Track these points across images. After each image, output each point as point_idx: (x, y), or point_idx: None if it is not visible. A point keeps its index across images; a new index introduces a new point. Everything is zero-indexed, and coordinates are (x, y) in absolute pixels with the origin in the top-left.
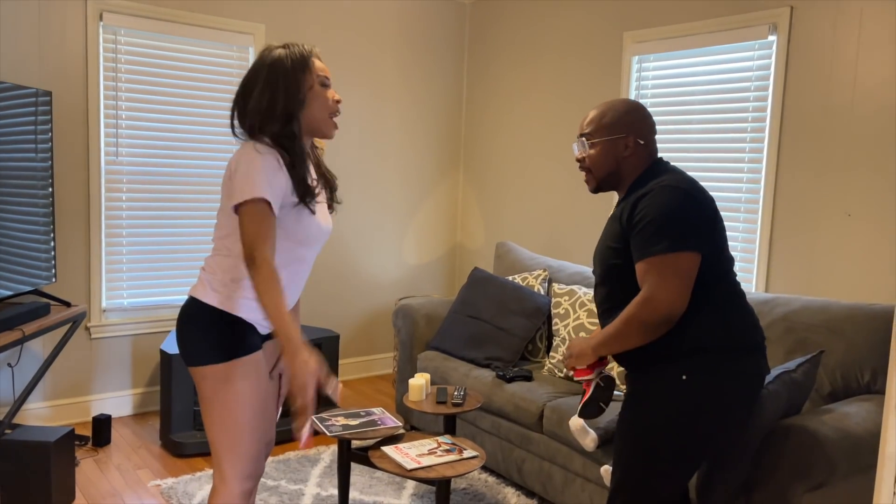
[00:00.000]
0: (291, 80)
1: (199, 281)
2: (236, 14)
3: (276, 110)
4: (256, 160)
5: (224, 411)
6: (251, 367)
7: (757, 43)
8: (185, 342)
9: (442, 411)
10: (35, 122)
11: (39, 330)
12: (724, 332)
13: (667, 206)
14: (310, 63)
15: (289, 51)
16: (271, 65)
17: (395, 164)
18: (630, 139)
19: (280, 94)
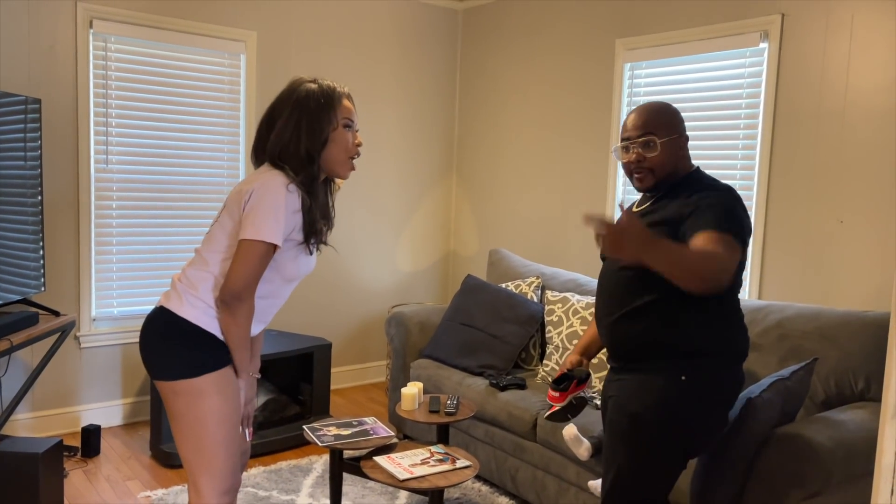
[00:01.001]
0: (315, 121)
1: (174, 292)
2: (228, 21)
3: (299, 149)
4: (281, 199)
5: (198, 427)
6: (224, 381)
7: (748, 50)
8: (155, 355)
9: (435, 421)
10: (24, 129)
11: (27, 340)
12: (726, 340)
13: (732, 204)
14: (337, 103)
15: (319, 87)
16: (298, 100)
17: (388, 170)
18: (682, 138)
19: (303, 133)
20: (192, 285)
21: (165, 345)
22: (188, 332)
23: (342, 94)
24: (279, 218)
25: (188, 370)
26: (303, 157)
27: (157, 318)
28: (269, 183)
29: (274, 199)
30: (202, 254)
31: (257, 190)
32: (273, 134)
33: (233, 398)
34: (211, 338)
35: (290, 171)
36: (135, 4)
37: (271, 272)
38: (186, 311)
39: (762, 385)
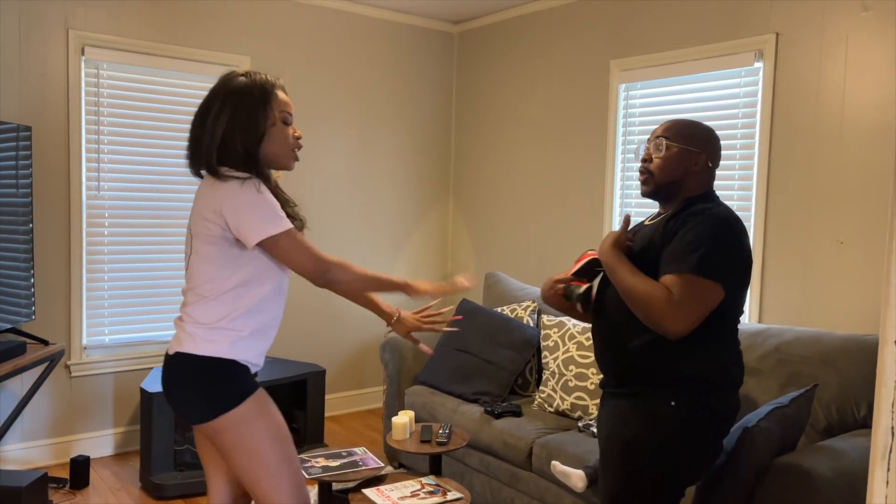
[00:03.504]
0: (250, 116)
1: (183, 335)
2: (221, 47)
3: (235, 146)
4: (253, 194)
5: (254, 456)
6: (261, 402)
7: (743, 70)
8: (186, 401)
9: (426, 451)
10: (16, 157)
11: (14, 370)
12: (721, 369)
13: (716, 233)
14: (272, 97)
15: (250, 81)
16: (229, 95)
17: (385, 193)
18: (703, 157)
19: (238, 129)
20: (197, 321)
21: (194, 387)
22: (211, 367)
23: (277, 85)
24: (271, 208)
25: (224, 404)
26: (241, 154)
27: (175, 365)
28: (225, 193)
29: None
30: (195, 290)
31: (212, 203)
32: (205, 132)
33: (275, 414)
34: (233, 365)
35: (234, 171)
36: (127, 31)
37: (266, 269)
38: (204, 348)
39: (760, 413)
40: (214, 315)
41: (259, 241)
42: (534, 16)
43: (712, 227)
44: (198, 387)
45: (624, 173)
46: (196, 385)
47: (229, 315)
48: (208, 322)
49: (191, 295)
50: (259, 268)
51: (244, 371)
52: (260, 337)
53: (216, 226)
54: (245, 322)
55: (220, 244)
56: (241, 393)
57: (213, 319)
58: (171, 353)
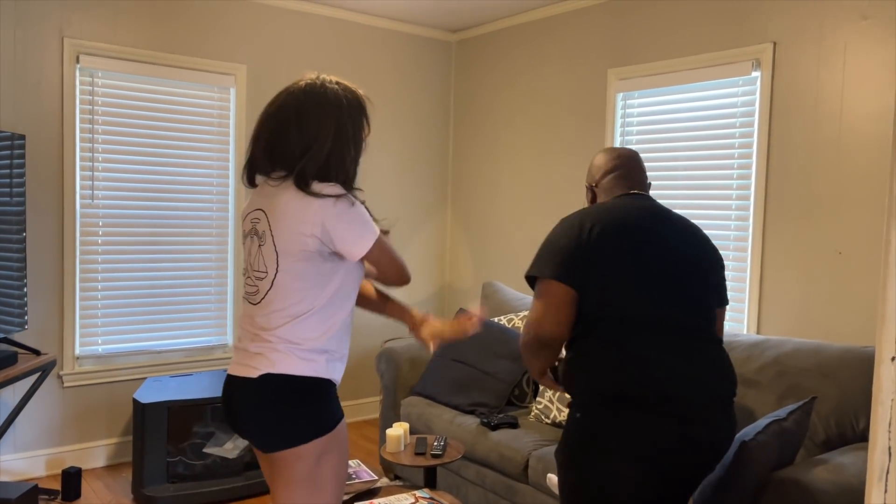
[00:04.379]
0: (359, 127)
1: (278, 356)
2: (217, 55)
3: (346, 160)
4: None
5: (317, 491)
6: (344, 434)
7: (741, 79)
8: (279, 424)
9: (420, 463)
10: (10, 165)
11: (4, 381)
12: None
13: (550, 235)
14: (367, 110)
15: (349, 90)
16: (339, 106)
17: (383, 202)
18: (588, 188)
19: (349, 140)
20: (291, 341)
21: (290, 408)
22: (310, 389)
23: (367, 99)
24: (365, 217)
25: (314, 431)
26: (346, 165)
27: (265, 385)
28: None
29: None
30: (285, 311)
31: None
32: (311, 142)
33: (347, 451)
34: (331, 386)
35: (326, 186)
36: (122, 39)
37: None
38: (302, 367)
39: (758, 427)
40: (310, 333)
41: (365, 253)
42: (532, 24)
43: (551, 231)
44: (292, 409)
45: None
46: (290, 407)
47: (325, 334)
48: (305, 341)
49: (278, 316)
50: (346, 284)
51: (334, 394)
52: (345, 356)
53: (314, 240)
54: (336, 341)
55: (315, 260)
56: (336, 416)
57: (310, 338)
58: (257, 376)
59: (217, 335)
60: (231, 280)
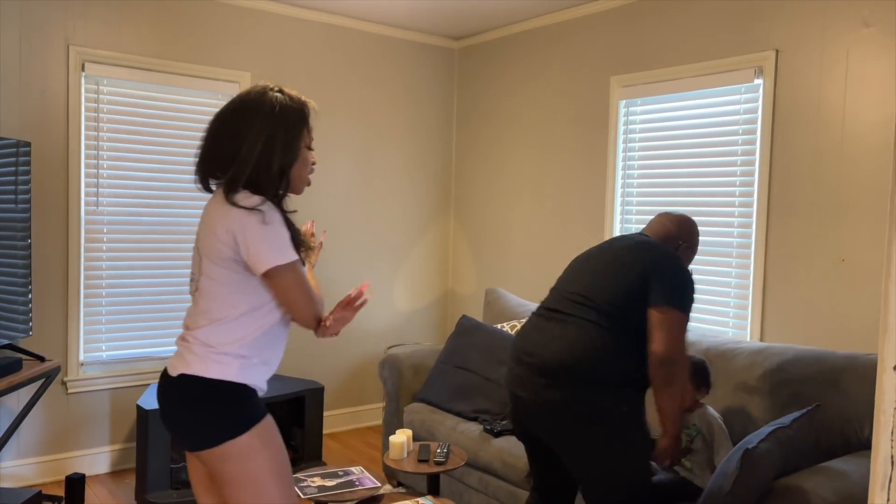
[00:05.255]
0: (292, 137)
1: (191, 357)
2: (222, 62)
3: (271, 165)
4: (273, 221)
5: (255, 487)
6: (270, 432)
7: (743, 86)
8: (192, 425)
9: (423, 470)
10: (16, 172)
11: (9, 387)
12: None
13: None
14: (308, 119)
15: (291, 99)
16: (271, 113)
17: (386, 208)
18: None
19: (278, 148)
20: (207, 344)
21: (200, 411)
22: (221, 391)
23: (311, 107)
24: (283, 239)
25: (231, 430)
26: (275, 174)
27: (180, 387)
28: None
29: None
30: (206, 313)
31: (231, 225)
32: (242, 147)
33: (281, 445)
34: (244, 389)
35: (260, 191)
36: (127, 47)
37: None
38: (216, 371)
39: (761, 434)
40: (226, 338)
41: (262, 272)
42: (535, 32)
43: None
44: (205, 410)
45: (624, 189)
46: (203, 408)
47: (240, 340)
48: (219, 345)
49: (201, 318)
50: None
51: (254, 395)
52: (268, 362)
53: (228, 248)
54: (256, 348)
55: (232, 267)
56: (251, 419)
57: (225, 343)
58: (175, 375)
59: None
60: None
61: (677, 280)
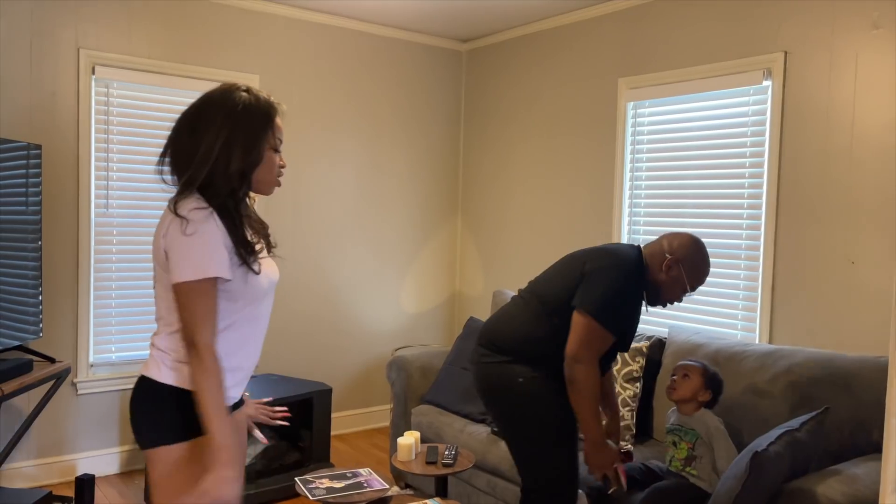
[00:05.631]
0: (253, 139)
1: (150, 360)
2: (230, 65)
3: (229, 167)
4: (196, 232)
5: (175, 500)
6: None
7: (752, 88)
8: (138, 424)
9: (432, 472)
10: (27, 174)
11: (20, 388)
12: None
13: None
14: (274, 121)
15: (255, 99)
16: (233, 111)
17: (393, 211)
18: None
19: (237, 150)
20: (165, 349)
21: (146, 412)
22: (168, 396)
23: (278, 109)
24: (201, 252)
25: (169, 436)
26: (233, 176)
27: (139, 387)
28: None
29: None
30: (163, 319)
31: (162, 228)
32: (201, 147)
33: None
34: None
35: (215, 192)
36: (137, 50)
37: (229, 301)
38: (165, 376)
39: (770, 437)
40: (179, 345)
41: (174, 283)
42: (542, 34)
43: None
44: (147, 412)
45: (632, 192)
46: (146, 409)
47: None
48: (172, 351)
49: (159, 323)
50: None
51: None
52: (231, 369)
53: (164, 254)
54: None
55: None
56: (189, 429)
57: (175, 349)
58: (140, 377)
59: None
60: None
61: (601, 288)
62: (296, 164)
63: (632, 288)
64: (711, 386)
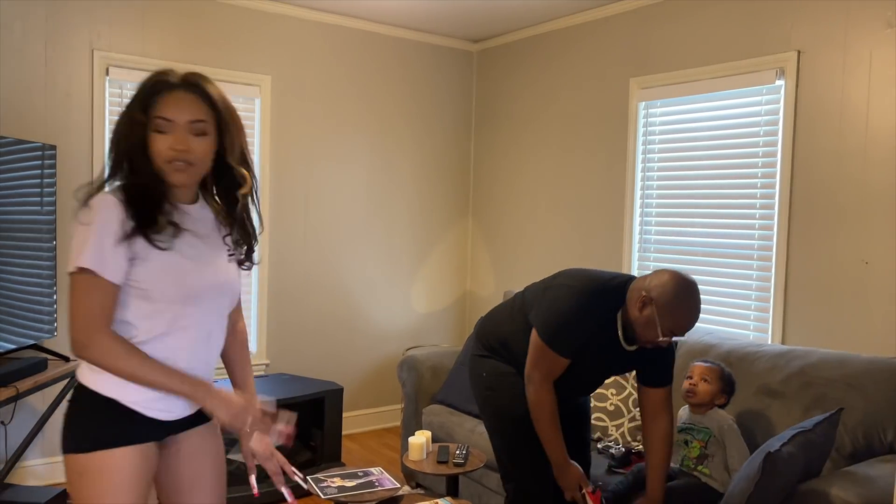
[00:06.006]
0: (127, 120)
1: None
2: (243, 66)
3: (119, 150)
4: (84, 223)
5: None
6: (115, 465)
7: (765, 88)
8: (62, 427)
9: (443, 472)
10: (41, 175)
11: (35, 386)
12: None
13: None
14: (154, 100)
15: (146, 78)
16: (134, 92)
17: (404, 211)
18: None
19: (125, 127)
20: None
21: (66, 414)
22: (86, 401)
23: (168, 84)
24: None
25: (73, 444)
26: (120, 158)
27: (72, 388)
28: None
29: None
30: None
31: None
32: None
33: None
34: (111, 404)
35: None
36: (150, 51)
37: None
38: (87, 377)
39: (783, 438)
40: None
41: (69, 272)
42: (553, 34)
43: None
44: (66, 415)
45: (644, 192)
46: (67, 413)
47: None
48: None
49: None
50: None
51: (125, 416)
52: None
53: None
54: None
55: None
56: (98, 440)
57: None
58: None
59: None
60: (255, 288)
61: (549, 310)
62: (307, 164)
63: (582, 315)
64: (728, 389)
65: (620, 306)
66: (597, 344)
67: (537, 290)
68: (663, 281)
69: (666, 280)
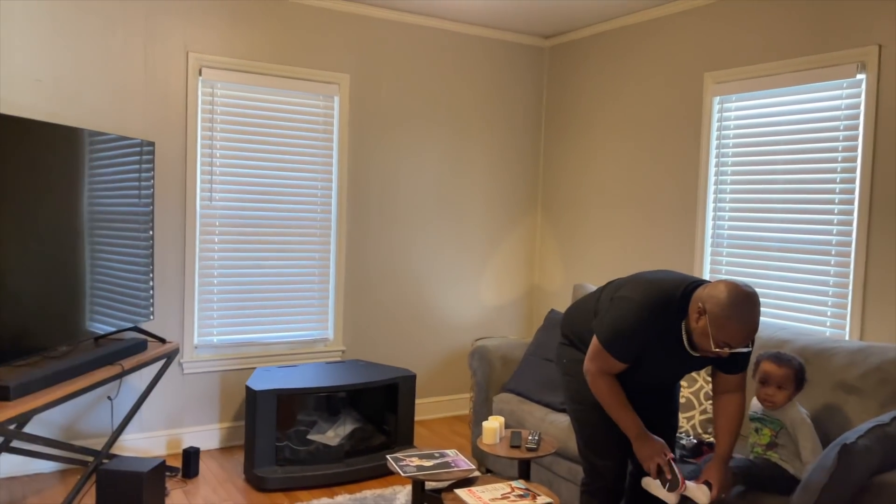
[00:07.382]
0: None
1: None
2: (323, 65)
3: None
4: None
5: None
6: None
7: (845, 82)
8: None
9: (516, 455)
10: (139, 169)
11: (137, 365)
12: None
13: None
14: None
15: None
16: None
17: (474, 205)
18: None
19: None
20: None
21: None
22: None
23: None
24: None
25: None
26: None
27: None
28: None
29: None
30: None
31: None
32: None
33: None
34: None
35: None
36: (239, 52)
37: None
38: None
39: (859, 431)
40: None
41: None
42: (625, 29)
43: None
44: None
45: (717, 188)
46: None
47: None
48: None
49: None
50: None
51: None
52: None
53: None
54: None
55: None
56: None
57: None
58: None
59: (319, 329)
60: (332, 278)
61: (608, 316)
62: (382, 159)
63: (641, 328)
64: (801, 386)
65: (684, 316)
66: (662, 349)
67: (607, 296)
68: (718, 292)
69: (720, 291)
